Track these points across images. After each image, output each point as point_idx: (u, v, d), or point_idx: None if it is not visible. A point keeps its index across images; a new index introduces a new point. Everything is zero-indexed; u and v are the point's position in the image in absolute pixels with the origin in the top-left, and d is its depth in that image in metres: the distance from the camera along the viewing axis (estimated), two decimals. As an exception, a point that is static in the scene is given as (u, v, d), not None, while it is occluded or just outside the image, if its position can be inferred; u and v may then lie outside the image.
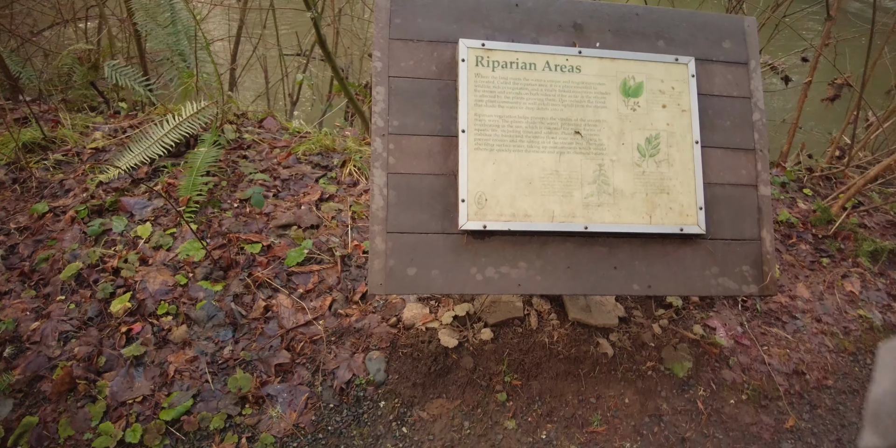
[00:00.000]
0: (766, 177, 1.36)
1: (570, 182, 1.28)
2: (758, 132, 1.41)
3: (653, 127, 1.34)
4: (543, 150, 1.29)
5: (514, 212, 1.24)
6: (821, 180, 2.58)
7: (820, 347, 1.77)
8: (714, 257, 1.30)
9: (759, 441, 1.46)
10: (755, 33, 1.53)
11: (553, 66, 1.34)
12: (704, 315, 1.84)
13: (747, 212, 1.34)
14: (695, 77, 1.40)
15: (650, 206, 1.28)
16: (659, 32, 1.45)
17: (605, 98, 1.35)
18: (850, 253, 2.16)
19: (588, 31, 1.41)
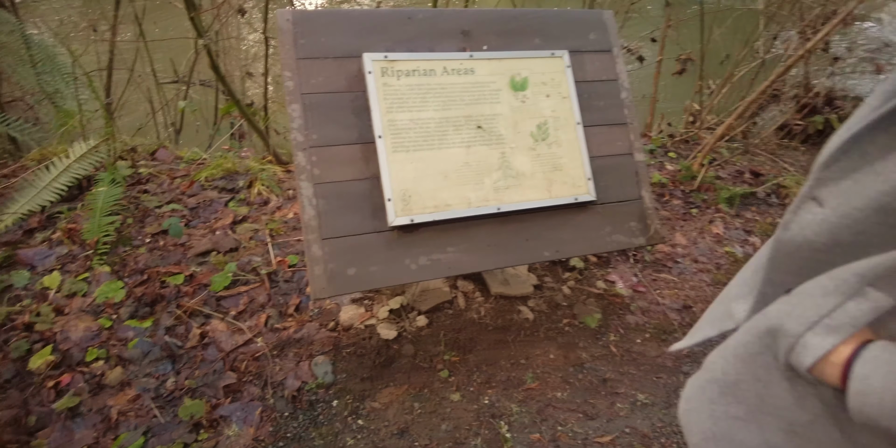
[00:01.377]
0: (638, 145, 1.73)
1: (480, 171, 1.56)
2: (627, 108, 1.78)
3: (541, 115, 1.66)
4: (453, 146, 1.55)
5: (436, 204, 1.49)
6: (681, 144, 3.16)
7: (700, 283, 2.23)
8: (606, 218, 1.64)
9: (665, 369, 1.85)
10: (613, 24, 1.91)
11: (450, 70, 1.61)
12: (604, 271, 2.24)
13: (627, 177, 1.69)
14: (570, 67, 1.74)
15: (548, 183, 1.59)
16: (535, 31, 1.77)
17: (498, 94, 1.64)
18: (712, 202, 2.72)
19: (475, 36, 1.69)
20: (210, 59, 2.23)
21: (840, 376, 0.59)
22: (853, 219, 0.58)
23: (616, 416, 1.68)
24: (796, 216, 0.65)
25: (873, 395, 0.55)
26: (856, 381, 0.57)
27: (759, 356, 0.70)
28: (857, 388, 0.56)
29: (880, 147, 0.56)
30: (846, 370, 0.58)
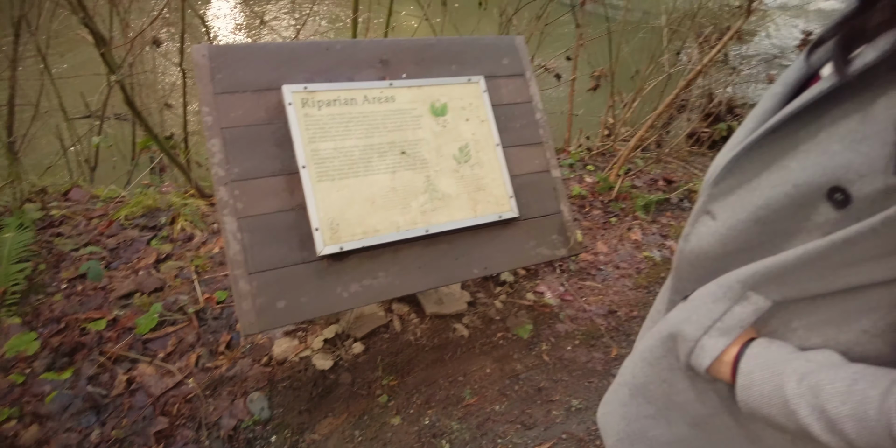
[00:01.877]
0: (554, 162, 1.84)
1: (407, 195, 1.61)
2: (542, 128, 1.89)
3: (462, 138, 1.74)
4: (378, 172, 1.60)
5: (364, 230, 1.52)
6: (598, 156, 3.38)
7: (623, 288, 2.37)
8: (530, 233, 1.73)
9: (596, 373, 1.95)
10: (525, 48, 2.03)
11: (371, 99, 1.67)
12: (533, 283, 2.34)
13: (546, 192, 1.80)
14: (486, 92, 1.83)
15: (473, 203, 1.67)
16: (452, 58, 1.85)
17: (419, 120, 1.71)
18: (629, 210, 2.91)
19: (394, 65, 1.76)
20: (124, 95, 2.18)
21: (730, 373, 0.67)
22: (739, 230, 0.66)
23: (553, 423, 1.76)
24: (694, 229, 0.74)
25: (755, 387, 0.63)
26: (741, 377, 0.65)
27: (663, 359, 0.78)
28: (742, 382, 0.65)
29: (757, 165, 0.65)
30: (734, 367, 0.66)
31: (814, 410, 0.56)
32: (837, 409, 0.54)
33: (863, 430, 0.52)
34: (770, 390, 0.61)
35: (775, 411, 0.61)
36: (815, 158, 0.57)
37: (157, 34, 3.21)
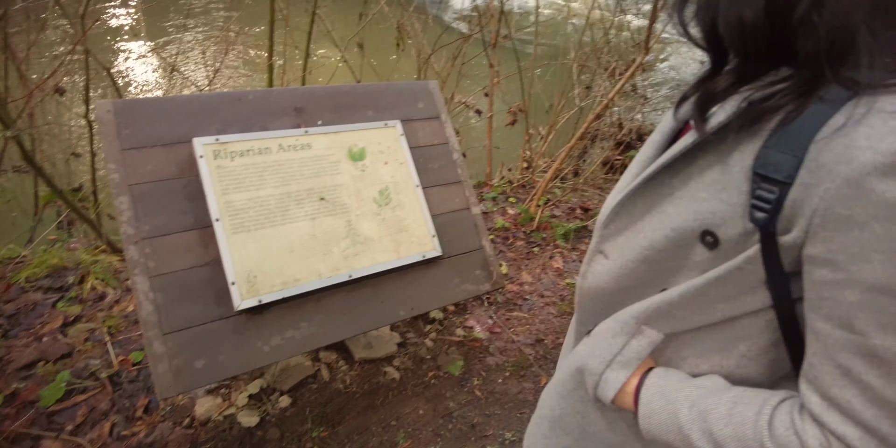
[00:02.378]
0: (474, 200, 1.90)
1: (328, 241, 1.60)
2: (459, 167, 1.95)
3: (381, 181, 1.76)
4: (297, 220, 1.59)
5: (284, 280, 1.50)
6: (519, 189, 3.51)
7: (549, 316, 2.45)
8: (454, 270, 1.76)
9: (527, 404, 1.99)
10: (439, 93, 2.10)
11: (286, 147, 1.67)
12: (462, 318, 2.37)
13: (468, 229, 1.85)
14: (403, 135, 1.88)
15: (396, 244, 1.68)
16: (368, 104, 1.89)
17: (337, 166, 1.72)
18: (550, 239, 3.02)
19: (309, 112, 1.78)
20: (22, 151, 2.07)
21: (633, 403, 0.72)
22: (629, 269, 0.72)
23: (489, 459, 1.77)
24: (590, 267, 0.79)
25: (654, 416, 0.68)
26: (642, 406, 0.70)
27: (574, 392, 0.82)
28: (643, 411, 0.69)
29: (640, 209, 0.71)
30: (636, 397, 0.71)
31: (704, 434, 0.62)
32: (722, 431, 0.60)
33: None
34: (667, 418, 0.66)
35: (673, 437, 0.66)
36: (687, 205, 0.63)
37: (60, 83, 3.07)
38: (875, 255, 0.47)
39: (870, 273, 0.48)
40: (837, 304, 0.51)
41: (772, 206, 0.54)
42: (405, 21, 3.90)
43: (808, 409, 0.55)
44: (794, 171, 0.52)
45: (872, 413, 0.50)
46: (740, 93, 0.57)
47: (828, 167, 0.49)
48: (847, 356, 0.51)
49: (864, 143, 0.47)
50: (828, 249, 0.50)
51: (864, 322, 0.49)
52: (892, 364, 0.49)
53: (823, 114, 0.50)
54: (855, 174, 0.47)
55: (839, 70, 0.50)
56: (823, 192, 0.49)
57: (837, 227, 0.49)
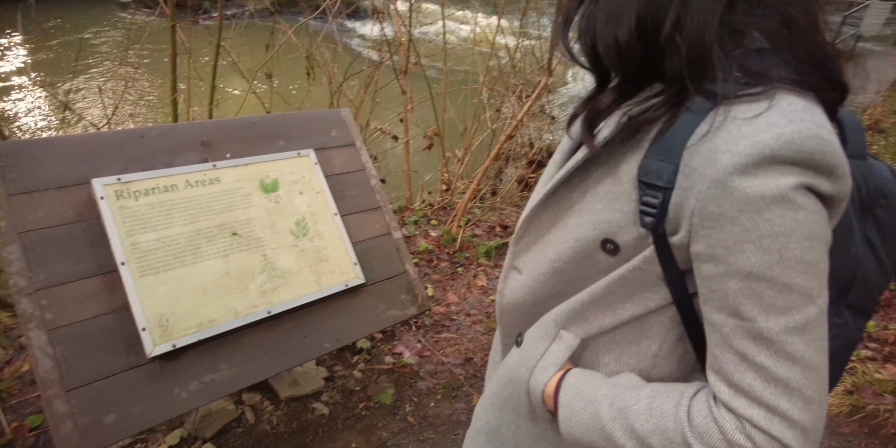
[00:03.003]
0: (395, 224, 1.92)
1: (243, 278, 1.56)
2: (378, 193, 1.96)
3: (297, 212, 1.74)
4: (209, 258, 1.54)
5: (199, 322, 1.44)
6: (440, 210, 3.59)
7: (476, 335, 2.50)
8: (379, 297, 1.76)
9: (461, 424, 2.02)
10: (352, 120, 2.12)
11: (194, 183, 1.62)
12: (390, 345, 2.37)
13: (390, 254, 1.86)
14: (317, 164, 1.87)
15: (317, 275, 1.66)
16: (278, 134, 1.87)
17: (249, 198, 1.69)
18: (473, 258, 3.10)
19: (217, 146, 1.73)
20: None
21: (553, 407, 0.74)
22: (542, 282, 0.76)
23: (426, 485, 1.75)
24: (506, 283, 0.83)
25: (575, 418, 0.70)
26: (562, 409, 0.72)
27: (507, 402, 0.85)
28: (563, 414, 0.72)
29: (546, 224, 0.76)
30: (555, 400, 0.73)
31: (626, 431, 0.64)
32: (644, 426, 0.63)
33: (666, 441, 0.61)
34: (588, 418, 0.69)
35: (596, 437, 0.68)
36: (586, 216, 0.69)
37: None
38: (747, 246, 0.54)
39: (745, 262, 0.54)
40: (725, 295, 0.57)
41: (657, 210, 0.60)
42: (314, 50, 3.90)
43: (720, 398, 0.60)
44: (673, 176, 0.58)
45: (770, 392, 0.56)
46: (622, 109, 0.64)
47: (698, 171, 0.56)
48: (741, 342, 0.57)
49: (724, 147, 0.53)
50: (708, 245, 0.56)
51: (749, 308, 0.55)
52: (778, 343, 0.55)
53: (692, 123, 0.57)
54: (720, 175, 0.53)
55: (700, 84, 0.57)
56: (697, 194, 0.56)
57: (713, 224, 0.55)
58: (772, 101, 0.53)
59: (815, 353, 0.55)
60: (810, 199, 0.52)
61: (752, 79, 0.55)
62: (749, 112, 0.53)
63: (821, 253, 0.54)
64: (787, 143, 0.50)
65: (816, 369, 0.56)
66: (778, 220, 0.52)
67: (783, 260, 0.53)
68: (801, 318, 0.54)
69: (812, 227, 0.52)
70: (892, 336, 2.63)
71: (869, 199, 0.67)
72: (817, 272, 0.54)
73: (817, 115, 0.53)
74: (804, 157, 0.51)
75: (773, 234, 0.52)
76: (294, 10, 8.25)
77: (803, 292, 0.54)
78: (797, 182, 0.51)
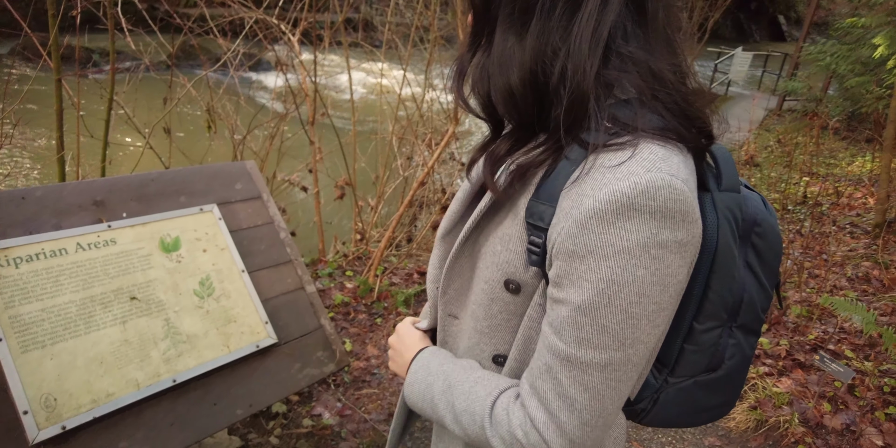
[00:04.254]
0: (307, 278, 1.89)
1: (144, 345, 1.47)
2: (288, 246, 1.94)
3: (201, 271, 1.68)
4: (105, 326, 1.45)
5: (94, 398, 1.34)
6: (355, 261, 3.58)
7: (399, 386, 2.48)
8: (293, 356, 1.72)
9: None
10: (258, 172, 2.10)
11: (86, 246, 1.53)
12: (308, 407, 2.30)
13: (304, 309, 1.83)
14: (221, 219, 1.83)
15: (225, 338, 1.60)
16: (179, 190, 1.82)
17: (148, 259, 1.62)
18: (392, 307, 3.11)
19: (111, 205, 1.66)
20: None
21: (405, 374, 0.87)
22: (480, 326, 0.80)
23: None
24: (446, 332, 0.88)
25: (415, 385, 0.83)
26: (409, 375, 0.85)
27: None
28: (408, 380, 0.85)
29: (467, 269, 0.80)
30: (408, 368, 0.87)
31: (447, 405, 0.75)
32: (460, 405, 0.73)
33: (471, 422, 0.71)
34: (424, 388, 0.80)
35: (426, 406, 0.79)
36: (491, 259, 0.74)
37: None
38: (585, 283, 0.61)
39: (578, 297, 0.61)
40: (556, 316, 0.64)
41: (540, 249, 0.66)
42: (215, 103, 3.85)
43: (521, 394, 0.69)
44: (551, 217, 0.64)
45: (557, 404, 0.64)
46: (511, 157, 0.70)
47: (566, 211, 0.63)
48: (552, 357, 0.65)
49: (588, 192, 0.61)
50: (557, 274, 0.64)
51: (568, 334, 0.63)
52: (579, 370, 0.63)
53: (568, 170, 0.65)
54: (581, 216, 0.60)
55: (576, 133, 0.65)
56: (560, 229, 0.63)
57: (565, 257, 0.62)
58: (635, 149, 0.61)
59: (606, 389, 0.64)
60: (658, 255, 0.59)
61: (620, 128, 0.63)
62: (614, 160, 0.61)
63: (648, 310, 0.61)
64: (643, 193, 0.58)
65: (602, 401, 0.64)
66: (619, 269, 0.59)
67: (610, 305, 0.60)
68: (606, 359, 0.62)
69: (646, 287, 0.60)
70: (783, 351, 2.88)
71: (745, 228, 0.77)
72: (636, 326, 0.61)
73: (674, 164, 0.61)
74: (658, 205, 0.58)
75: (609, 281, 0.60)
76: (192, 62, 8.13)
77: (617, 338, 0.61)
78: (648, 236, 0.58)
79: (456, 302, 0.83)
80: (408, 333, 0.93)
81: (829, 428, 2.41)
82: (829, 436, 2.38)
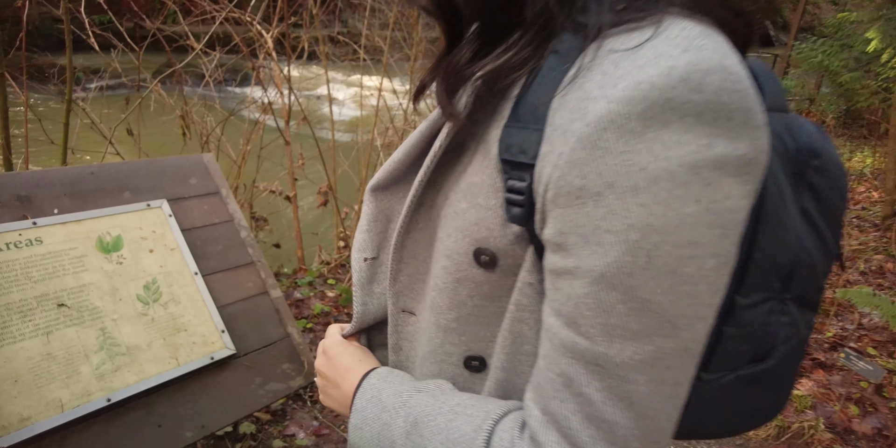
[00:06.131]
0: (272, 281, 1.69)
1: (72, 359, 1.27)
2: (250, 247, 1.74)
3: (146, 273, 1.48)
4: (24, 338, 1.24)
5: (2, 423, 1.13)
6: (338, 268, 3.39)
7: None
8: (254, 369, 1.51)
9: None
10: (216, 166, 1.90)
11: (4, 246, 1.33)
12: (281, 427, 2.07)
13: (267, 317, 1.62)
14: (172, 216, 1.63)
15: (173, 349, 1.39)
16: (122, 185, 1.62)
17: (82, 261, 1.41)
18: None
19: (39, 201, 1.46)
20: None
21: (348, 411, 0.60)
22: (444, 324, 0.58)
23: None
24: (400, 335, 0.65)
25: (366, 426, 0.56)
26: (354, 414, 0.58)
27: None
28: (354, 421, 0.58)
29: (421, 246, 0.60)
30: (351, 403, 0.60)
31: None
32: None
33: None
34: (378, 430, 0.55)
35: None
36: (453, 223, 0.54)
37: None
38: (607, 237, 0.40)
39: (599, 259, 0.40)
40: (566, 298, 0.43)
41: (524, 197, 0.46)
42: (190, 109, 3.70)
43: (529, 425, 0.46)
44: (538, 145, 0.44)
45: (588, 434, 0.42)
46: (476, 66, 0.50)
47: (562, 128, 0.42)
48: (570, 362, 0.43)
49: (597, 93, 0.40)
50: (559, 230, 0.43)
51: (590, 323, 0.42)
52: (615, 377, 0.41)
53: (558, 69, 0.45)
54: (589, 130, 0.40)
55: (569, 13, 0.45)
56: (556, 159, 0.42)
57: (569, 201, 0.41)
58: (658, 27, 0.41)
59: (659, 399, 0.43)
60: (713, 179, 0.39)
61: (631, 2, 0.43)
62: (629, 42, 0.41)
63: (706, 268, 0.41)
64: (682, 81, 0.38)
65: (655, 419, 0.43)
66: (658, 207, 0.39)
67: (650, 266, 0.40)
68: (653, 352, 0.41)
69: (699, 231, 0.39)
70: (803, 352, 2.69)
71: (799, 161, 0.55)
72: (692, 294, 0.41)
73: (720, 42, 0.41)
74: (706, 98, 0.38)
75: (645, 228, 0.39)
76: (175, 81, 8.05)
77: (664, 317, 0.41)
78: (696, 151, 0.38)
79: (410, 292, 0.62)
80: (341, 352, 0.66)
81: (858, 433, 2.22)
82: (859, 442, 2.18)
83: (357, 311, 0.68)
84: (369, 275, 0.68)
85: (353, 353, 0.66)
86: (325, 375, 0.67)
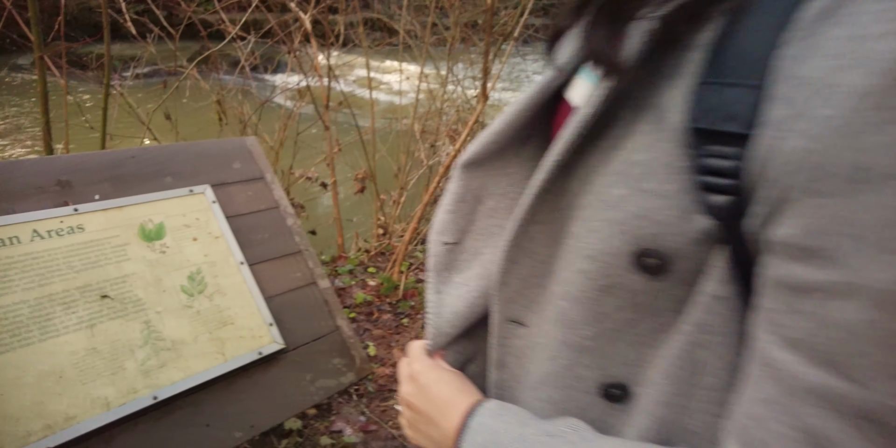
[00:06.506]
0: (320, 271, 1.60)
1: (117, 354, 1.20)
2: (297, 235, 1.65)
3: (191, 263, 1.41)
4: (67, 332, 1.18)
5: (48, 423, 1.06)
6: (378, 257, 3.31)
7: None
8: (304, 365, 1.42)
9: None
10: (260, 150, 1.82)
11: (45, 233, 1.27)
12: (327, 422, 2.00)
13: (317, 309, 1.53)
14: (216, 202, 1.56)
15: (219, 344, 1.31)
16: (163, 170, 1.55)
17: (125, 249, 1.35)
18: (419, 306, 2.81)
19: (80, 186, 1.40)
20: None
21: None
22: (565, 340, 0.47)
23: None
24: (506, 349, 0.53)
25: None
26: None
27: None
28: None
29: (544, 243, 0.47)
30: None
31: None
32: None
33: None
34: None
35: None
36: (600, 215, 0.41)
37: None
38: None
39: (883, 273, 0.28)
40: (819, 326, 0.30)
41: (736, 180, 0.33)
42: (226, 95, 3.66)
43: None
44: (755, 108, 0.32)
45: None
46: (651, 4, 0.37)
47: (819, 82, 0.29)
48: (824, 414, 0.30)
49: (877, 29, 0.27)
50: (811, 229, 0.30)
51: (865, 362, 0.29)
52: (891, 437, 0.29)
53: (785, 2, 0.31)
54: (874, 84, 0.27)
55: None
56: (811, 126, 0.29)
57: (837, 187, 0.29)
58: None
59: None
60: None
61: None
62: None
63: None
64: None
65: None
66: None
67: None
68: None
69: None
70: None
71: None
72: None
73: None
74: None
75: None
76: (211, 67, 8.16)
77: None
78: None
79: (522, 299, 0.50)
80: (435, 380, 0.54)
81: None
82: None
83: (431, 300, 0.57)
84: (447, 261, 0.57)
85: (450, 381, 0.54)
86: (415, 408, 0.55)
